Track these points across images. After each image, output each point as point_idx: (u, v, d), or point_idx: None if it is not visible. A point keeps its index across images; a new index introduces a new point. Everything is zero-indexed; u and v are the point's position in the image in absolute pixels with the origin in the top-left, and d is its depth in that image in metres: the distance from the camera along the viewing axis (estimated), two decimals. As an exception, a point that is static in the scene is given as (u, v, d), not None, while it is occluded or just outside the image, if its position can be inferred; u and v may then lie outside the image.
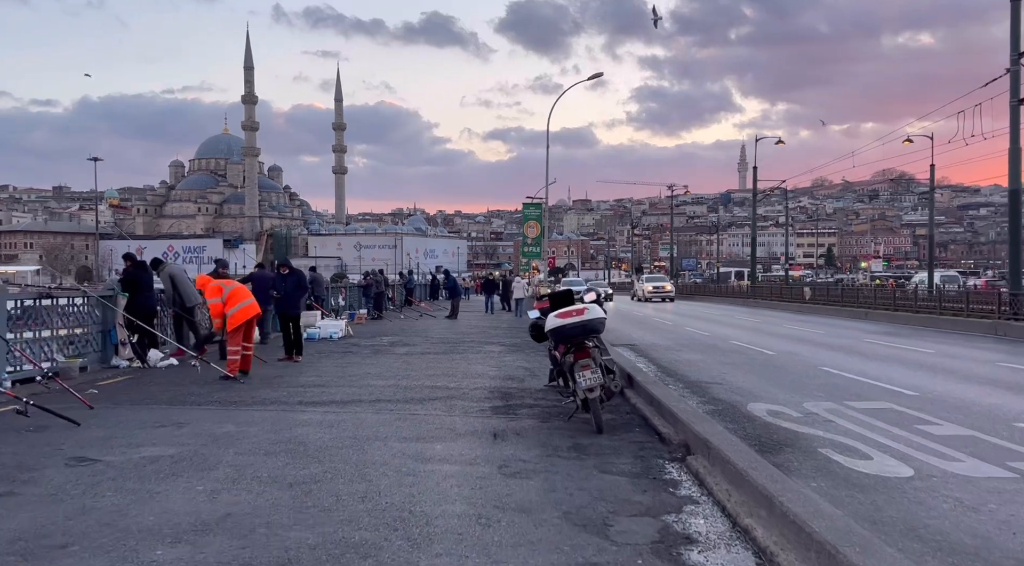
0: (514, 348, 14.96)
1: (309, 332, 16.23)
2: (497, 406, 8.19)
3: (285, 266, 12.31)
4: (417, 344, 15.82)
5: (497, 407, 8.13)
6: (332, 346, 15.05)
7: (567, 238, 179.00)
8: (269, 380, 10.02)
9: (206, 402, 8.27)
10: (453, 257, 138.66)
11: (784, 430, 7.44)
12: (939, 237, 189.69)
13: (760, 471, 4.67)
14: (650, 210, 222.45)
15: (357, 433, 6.66)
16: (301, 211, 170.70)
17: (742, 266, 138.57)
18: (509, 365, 12.07)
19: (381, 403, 8.30)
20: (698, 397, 9.65)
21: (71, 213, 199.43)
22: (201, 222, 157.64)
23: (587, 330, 6.76)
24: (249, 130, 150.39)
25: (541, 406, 8.23)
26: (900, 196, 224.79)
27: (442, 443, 6.32)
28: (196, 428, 6.83)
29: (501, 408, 8.07)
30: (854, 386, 10.40)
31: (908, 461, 6.13)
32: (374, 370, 11.18)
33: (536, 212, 35.53)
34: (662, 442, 6.53)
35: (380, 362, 12.28)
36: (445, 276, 28.51)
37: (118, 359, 10.88)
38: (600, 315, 6.79)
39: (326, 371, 11.05)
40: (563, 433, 6.80)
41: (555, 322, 6.78)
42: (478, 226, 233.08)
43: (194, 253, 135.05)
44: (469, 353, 14.03)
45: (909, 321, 23.05)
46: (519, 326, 22.01)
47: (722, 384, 10.78)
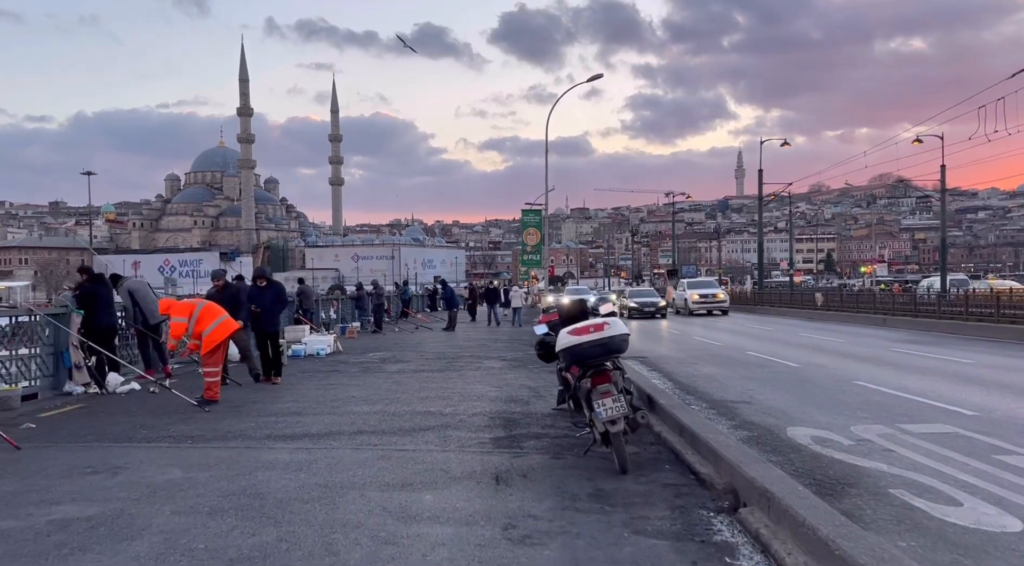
0: (516, 364, 13.78)
1: (294, 349, 15.06)
2: (499, 437, 7.01)
3: (262, 277, 11.14)
4: (411, 360, 14.63)
5: (499, 438, 6.95)
6: (318, 364, 13.85)
7: (566, 246, 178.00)
8: (239, 407, 8.83)
9: (158, 438, 7.08)
10: (451, 267, 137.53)
11: (839, 463, 6.27)
12: (938, 241, 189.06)
13: (853, 540, 3.49)
14: (648, 218, 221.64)
15: (330, 479, 5.48)
16: (298, 223, 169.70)
17: (741, 273, 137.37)
18: (511, 384, 10.89)
19: (363, 436, 7.11)
20: (727, 420, 8.48)
21: (67, 228, 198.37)
22: (197, 235, 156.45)
23: (608, 350, 5.59)
24: (245, 142, 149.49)
25: (550, 436, 7.06)
26: (898, 201, 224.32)
27: (432, 492, 5.14)
28: (135, 475, 5.64)
29: (504, 440, 6.89)
30: (899, 404, 9.23)
31: (1008, 507, 4.96)
32: (360, 393, 9.99)
33: (536, 218, 34.35)
34: (701, 485, 5.36)
35: (368, 383, 11.09)
36: (442, 286, 27.32)
37: (72, 385, 9.69)
38: (623, 331, 5.62)
39: (306, 395, 9.85)
40: (580, 474, 5.62)
41: (569, 340, 5.60)
42: (476, 235, 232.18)
43: (190, 267, 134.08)
44: (467, 370, 12.85)
45: (932, 328, 21.86)
46: (519, 338, 20.83)
47: (751, 403, 9.60)
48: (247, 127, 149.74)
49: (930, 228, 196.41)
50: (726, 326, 27.46)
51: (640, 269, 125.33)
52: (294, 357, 14.83)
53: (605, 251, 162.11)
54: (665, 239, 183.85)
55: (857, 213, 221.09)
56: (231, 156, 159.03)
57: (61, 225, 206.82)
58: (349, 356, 15.51)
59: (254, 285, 11.05)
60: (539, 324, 7.46)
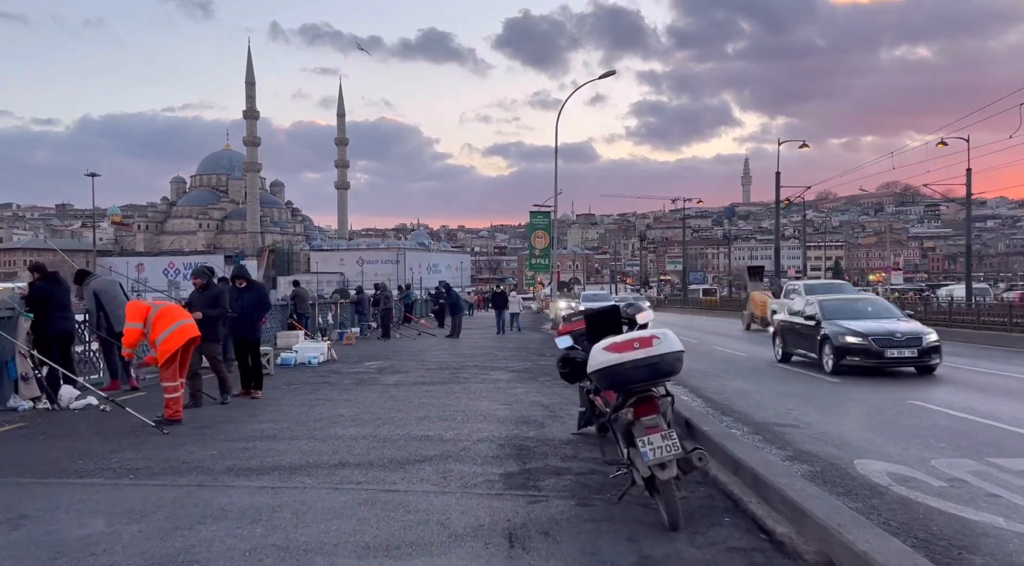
0: (525, 375, 12.51)
1: (283, 357, 13.80)
2: (511, 473, 5.74)
3: (241, 278, 9.85)
4: (410, 370, 13.35)
5: (511, 475, 5.68)
6: (308, 375, 12.57)
7: (572, 252, 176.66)
8: (204, 429, 7.56)
9: (95, 471, 5.81)
10: (457, 272, 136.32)
11: (939, 514, 4.98)
12: (948, 250, 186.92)
13: None
14: (654, 224, 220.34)
15: (293, 537, 4.21)
16: (303, 227, 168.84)
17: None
18: (522, 400, 9.61)
19: (345, 469, 5.85)
20: (778, 448, 7.20)
21: (73, 231, 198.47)
22: (202, 238, 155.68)
23: (657, 372, 4.30)
24: (251, 145, 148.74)
25: (573, 472, 5.78)
26: (906, 209, 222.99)
27: (427, 558, 3.87)
28: (42, 528, 4.38)
29: (517, 477, 5.62)
30: (975, 430, 7.93)
31: None
32: (349, 411, 8.71)
33: (545, 221, 32.98)
34: (778, 549, 4.07)
35: (360, 398, 9.81)
36: (446, 291, 26.03)
37: (17, 399, 8.44)
38: (678, 348, 4.32)
39: (286, 413, 8.58)
40: (616, 530, 4.35)
41: (605, 358, 4.31)
42: (482, 241, 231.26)
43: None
44: (472, 382, 11.58)
45: (971, 338, 20.46)
46: (527, 347, 19.56)
47: (798, 426, 8.31)
48: (253, 130, 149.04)
49: (939, 236, 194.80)
50: (745, 335, 26.12)
51: (647, 275, 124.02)
52: (283, 366, 13.58)
53: (611, 257, 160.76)
54: (672, 245, 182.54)
55: (864, 221, 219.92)
56: (237, 159, 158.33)
57: (67, 227, 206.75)
58: (344, 365, 14.23)
59: (232, 286, 9.77)
60: (560, 336, 6.12)
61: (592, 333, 5.44)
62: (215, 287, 9.50)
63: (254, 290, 9.75)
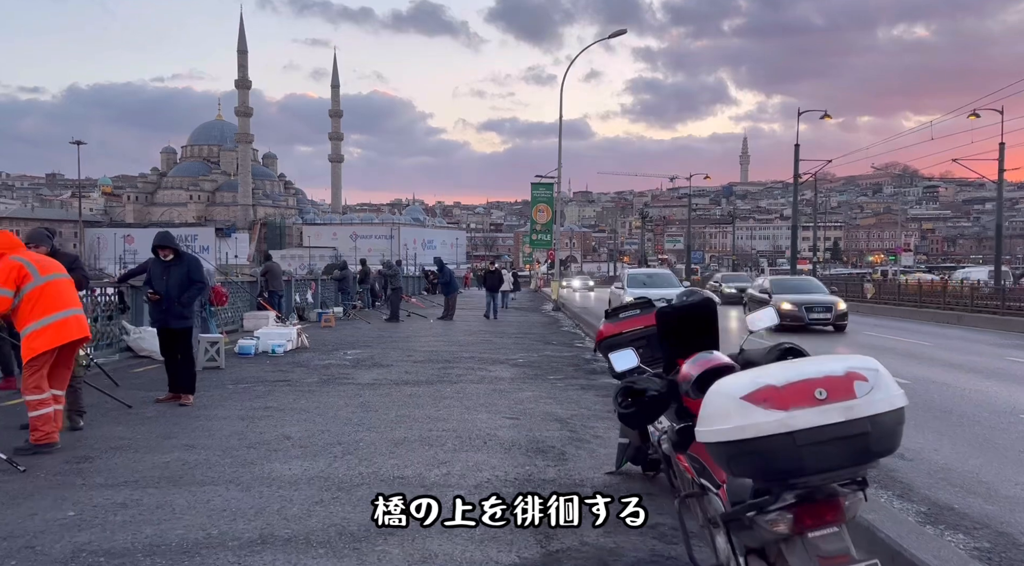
0: (531, 371, 10.34)
1: (241, 345, 11.57)
2: (532, 561, 3.57)
3: (166, 248, 7.53)
4: (392, 363, 11.15)
5: (532, 563, 3.51)
6: (266, 369, 10.33)
7: (569, 230, 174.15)
8: (86, 460, 5.35)
9: None
10: (452, 248, 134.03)
11: None
12: (947, 231, 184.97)
13: None
14: (652, 202, 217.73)
15: None
16: (296, 200, 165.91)
17: (748, 260, 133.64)
18: (531, 411, 7.45)
19: (266, 553, 3.66)
20: (897, 496, 5.06)
21: (63, 201, 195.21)
22: (193, 210, 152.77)
23: (867, 452, 2.10)
24: (243, 116, 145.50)
25: (628, 561, 3.61)
26: (904, 190, 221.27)
27: None
28: None
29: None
30: None
31: None
32: (300, 429, 6.50)
33: (547, 193, 30.57)
34: None
35: (321, 406, 7.61)
36: (439, 267, 23.69)
37: None
38: (899, 401, 2.12)
39: (215, 431, 6.37)
40: None
41: (758, 418, 2.08)
42: (477, 217, 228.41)
43: (186, 242, 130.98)
44: (467, 381, 9.40)
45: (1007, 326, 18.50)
46: (530, 331, 17.40)
47: (908, 459, 6.16)
48: (245, 100, 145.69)
49: (938, 218, 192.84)
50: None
51: (646, 255, 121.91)
52: (241, 356, 11.37)
53: (608, 235, 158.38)
54: (671, 224, 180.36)
55: (863, 202, 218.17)
56: (229, 130, 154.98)
57: (57, 197, 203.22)
58: (314, 355, 12.01)
59: (155, 259, 7.51)
60: (619, 351, 3.56)
61: (673, 345, 3.24)
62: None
63: (183, 263, 7.46)
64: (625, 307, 4.51)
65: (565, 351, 13.20)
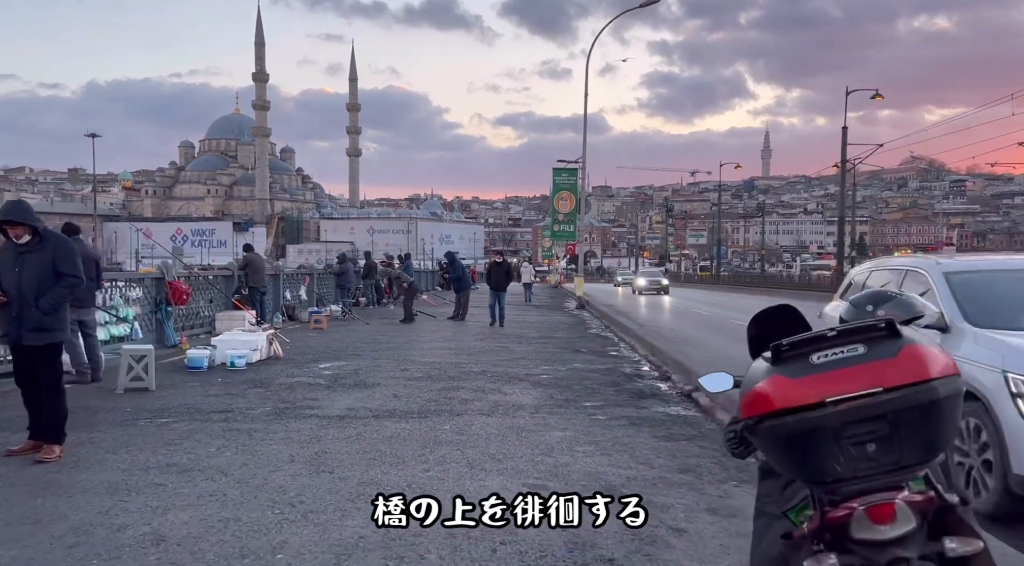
0: (560, 396, 7.96)
1: (191, 357, 9.27)
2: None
3: (22, 225, 5.00)
4: (379, 382, 8.81)
5: None
6: (210, 390, 8.01)
7: (588, 224, 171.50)
8: None
9: None
10: (470, 243, 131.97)
11: None
12: (976, 226, 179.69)
13: None
14: (672, 197, 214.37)
15: None
16: (313, 194, 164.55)
17: (771, 255, 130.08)
18: (566, 470, 5.11)
19: None
20: None
21: (84, 195, 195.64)
22: (210, 204, 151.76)
23: None
24: (260, 110, 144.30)
25: None
26: (930, 185, 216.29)
27: None
28: None
29: None
30: None
31: None
32: (189, 519, 4.17)
33: (571, 180, 28.04)
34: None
35: (250, 463, 5.27)
36: (450, 262, 21.15)
37: None
38: None
39: (45, 523, 4.07)
40: None
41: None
42: (496, 212, 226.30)
43: (203, 236, 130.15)
44: (472, 411, 7.06)
45: None
46: (554, 334, 15.02)
47: None
48: (262, 93, 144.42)
49: (967, 213, 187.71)
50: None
51: (668, 250, 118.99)
52: (192, 370, 9.09)
53: (628, 230, 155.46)
54: (692, 219, 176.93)
55: (888, 196, 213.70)
56: (246, 123, 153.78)
57: (79, 192, 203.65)
58: (284, 369, 9.70)
59: (7, 243, 5.16)
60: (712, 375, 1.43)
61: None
62: None
63: (47, 250, 5.11)
64: (823, 338, 1.98)
65: (599, 363, 10.83)
